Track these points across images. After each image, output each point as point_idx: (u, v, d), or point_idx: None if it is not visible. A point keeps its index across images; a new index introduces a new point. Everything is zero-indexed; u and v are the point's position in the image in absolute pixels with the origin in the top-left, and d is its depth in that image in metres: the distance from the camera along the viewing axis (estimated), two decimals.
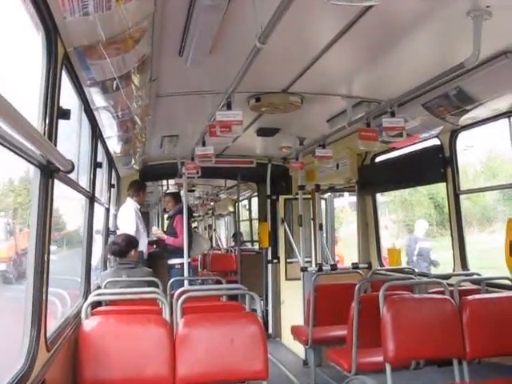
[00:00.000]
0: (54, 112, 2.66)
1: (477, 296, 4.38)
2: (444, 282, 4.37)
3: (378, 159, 6.93)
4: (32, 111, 2.51)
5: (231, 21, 3.17)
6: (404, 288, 4.76)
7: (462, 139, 5.39)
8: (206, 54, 3.65)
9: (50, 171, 2.67)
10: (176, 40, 3.53)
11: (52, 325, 3.24)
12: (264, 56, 3.18)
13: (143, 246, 7.23)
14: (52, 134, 2.65)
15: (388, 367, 3.99)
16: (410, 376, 4.37)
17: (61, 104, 2.78)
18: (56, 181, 2.82)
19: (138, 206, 7.55)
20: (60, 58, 2.67)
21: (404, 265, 7.11)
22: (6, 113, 1.65)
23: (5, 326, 3.12)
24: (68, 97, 3.21)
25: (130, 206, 7.41)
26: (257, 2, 2.79)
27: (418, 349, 4.05)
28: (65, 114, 2.83)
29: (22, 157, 2.25)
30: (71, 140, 3.86)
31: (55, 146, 2.70)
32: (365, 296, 4.75)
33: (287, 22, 2.73)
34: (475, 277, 4.97)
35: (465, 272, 5.18)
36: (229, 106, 4.20)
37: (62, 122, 2.83)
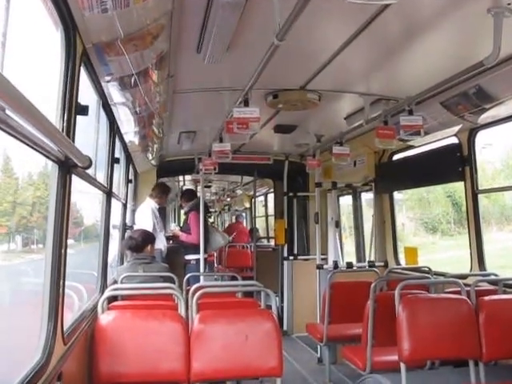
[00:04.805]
0: (73, 108, 2.68)
1: (494, 297, 4.33)
2: (461, 281, 4.33)
3: (395, 157, 6.89)
4: (50, 107, 2.53)
5: (249, 18, 3.16)
6: (420, 287, 4.73)
7: (482, 136, 5.33)
8: (223, 51, 3.66)
9: (68, 167, 2.69)
10: (194, 37, 3.54)
11: (69, 318, 3.27)
12: (282, 53, 3.17)
13: (161, 245, 7.27)
14: (70, 130, 2.67)
15: (403, 366, 3.98)
16: (425, 376, 4.34)
17: (79, 100, 2.80)
18: (74, 175, 2.85)
19: (157, 206, 7.60)
20: (79, 55, 2.69)
21: None
22: (25, 110, 1.67)
23: None
24: (86, 92, 3.23)
25: (148, 206, 7.47)
26: (275, 0, 2.78)
27: (433, 349, 4.03)
28: (83, 110, 2.85)
29: (41, 153, 2.28)
30: (89, 135, 3.88)
31: (73, 142, 2.73)
32: (381, 294, 4.74)
33: (305, 20, 2.73)
34: (492, 277, 4.92)
35: (482, 272, 5.13)
36: (246, 103, 4.19)
37: (80, 117, 2.85)
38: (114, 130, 4.65)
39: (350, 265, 6.71)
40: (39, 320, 2.64)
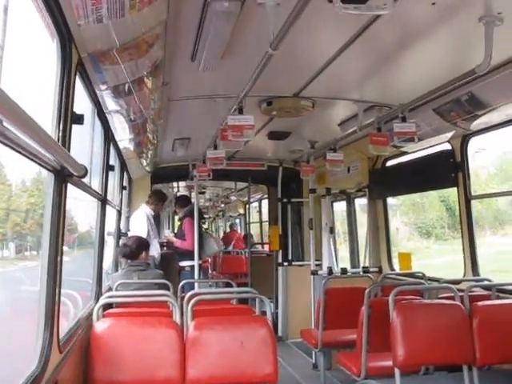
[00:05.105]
0: (68, 117, 2.69)
1: (487, 302, 4.36)
2: (454, 287, 4.35)
3: (388, 163, 6.92)
4: (46, 117, 2.54)
5: (243, 27, 3.19)
6: (414, 293, 4.75)
7: (475, 141, 5.36)
8: (218, 59, 3.68)
9: (64, 176, 2.70)
10: (188, 45, 3.56)
11: (64, 326, 3.27)
12: (276, 61, 3.20)
13: (155, 252, 7.27)
14: (66, 139, 2.68)
15: (397, 372, 3.99)
16: (420, 381, 4.36)
17: (74, 109, 2.81)
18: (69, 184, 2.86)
19: (152, 213, 7.61)
20: (74, 64, 2.71)
21: None
22: (23, 123, 1.68)
23: None
24: (81, 100, 3.24)
25: (143, 212, 7.48)
26: (269, 9, 2.81)
27: (427, 354, 4.04)
28: (78, 119, 2.86)
29: (37, 163, 2.28)
30: (84, 142, 3.89)
31: (69, 151, 2.73)
32: (375, 300, 4.75)
33: (299, 28, 2.75)
34: (486, 282, 4.95)
35: (475, 278, 5.16)
36: (240, 111, 4.21)
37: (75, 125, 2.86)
38: (108, 137, 4.65)
39: (344, 271, 6.72)
40: (34, 328, 2.64)
